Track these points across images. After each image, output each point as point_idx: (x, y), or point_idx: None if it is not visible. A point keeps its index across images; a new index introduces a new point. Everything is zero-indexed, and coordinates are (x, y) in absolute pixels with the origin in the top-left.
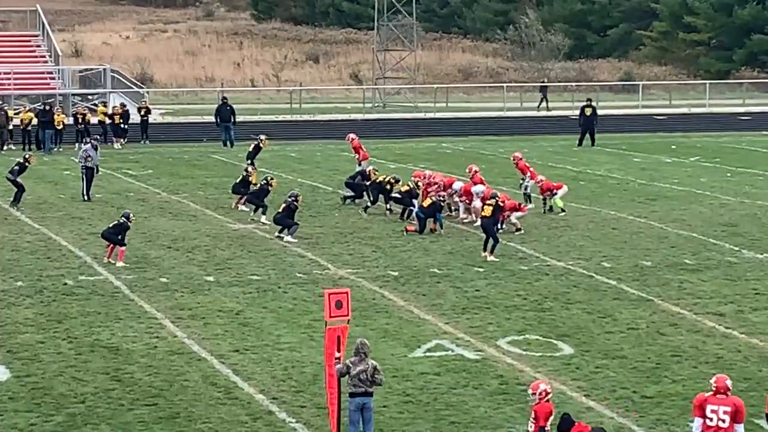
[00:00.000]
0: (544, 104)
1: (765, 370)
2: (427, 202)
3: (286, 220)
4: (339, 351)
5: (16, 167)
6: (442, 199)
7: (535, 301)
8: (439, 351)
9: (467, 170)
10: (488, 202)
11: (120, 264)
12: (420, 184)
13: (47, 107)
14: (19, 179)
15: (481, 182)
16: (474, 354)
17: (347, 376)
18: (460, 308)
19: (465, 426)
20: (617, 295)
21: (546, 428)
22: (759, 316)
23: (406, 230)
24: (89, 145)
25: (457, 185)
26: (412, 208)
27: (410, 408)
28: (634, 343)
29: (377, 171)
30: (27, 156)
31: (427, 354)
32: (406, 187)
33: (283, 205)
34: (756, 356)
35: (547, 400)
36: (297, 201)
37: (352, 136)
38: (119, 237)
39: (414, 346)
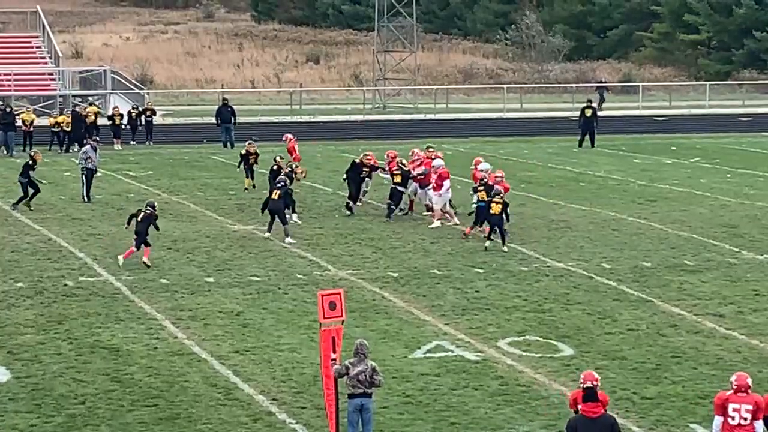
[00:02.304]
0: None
1: (765, 371)
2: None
3: (281, 205)
4: (334, 352)
5: (25, 168)
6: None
7: (535, 302)
8: (439, 352)
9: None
10: (496, 199)
11: (122, 262)
12: (405, 161)
13: (8, 109)
14: (33, 180)
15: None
16: (474, 355)
17: (346, 377)
18: (460, 309)
19: (465, 427)
20: (617, 296)
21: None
22: (759, 317)
23: (465, 234)
24: (89, 146)
25: (437, 162)
26: (395, 208)
27: (410, 409)
28: (634, 344)
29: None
30: (32, 154)
31: (427, 355)
32: (398, 179)
33: (277, 192)
34: (756, 357)
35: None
36: (288, 184)
37: (289, 136)
38: (148, 235)
39: (414, 347)
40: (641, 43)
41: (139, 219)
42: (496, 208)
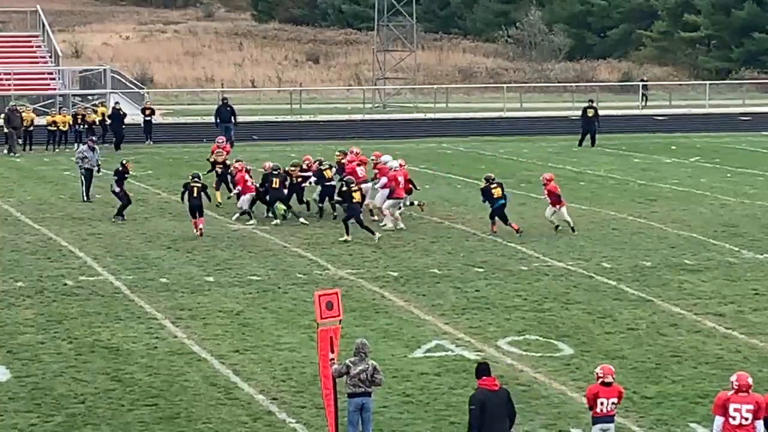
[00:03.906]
0: (643, 102)
1: (765, 371)
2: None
3: (283, 193)
4: (332, 352)
5: (116, 177)
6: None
7: (535, 302)
8: (439, 351)
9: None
10: (353, 187)
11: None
12: (329, 164)
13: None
14: (124, 189)
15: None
16: (474, 354)
17: (346, 376)
18: (460, 308)
19: (465, 426)
20: (617, 296)
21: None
22: (759, 317)
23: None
24: (86, 146)
25: (385, 158)
26: (320, 205)
27: (410, 408)
28: (634, 343)
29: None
30: (124, 162)
31: (427, 354)
32: (329, 173)
33: (277, 180)
34: (756, 357)
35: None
36: (279, 169)
37: (223, 138)
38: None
39: (414, 347)
40: (641, 43)
41: (195, 195)
42: (357, 196)
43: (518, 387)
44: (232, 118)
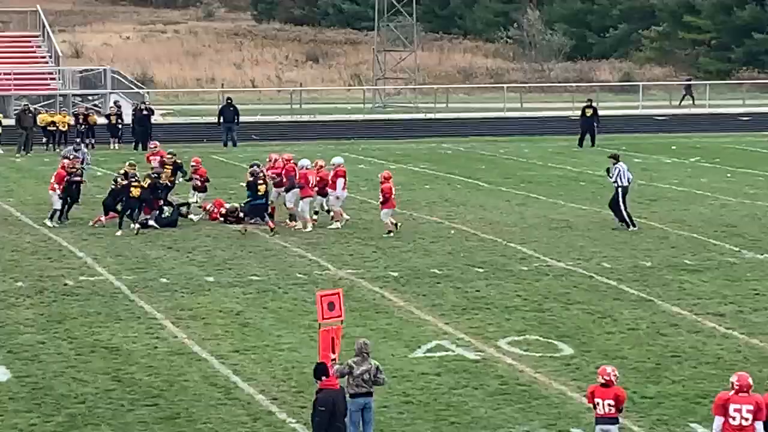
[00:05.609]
0: (688, 102)
1: (765, 371)
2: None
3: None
4: (333, 352)
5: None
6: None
7: (535, 302)
8: (440, 351)
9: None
10: (134, 183)
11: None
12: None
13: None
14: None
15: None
16: (474, 354)
17: (349, 377)
18: (460, 309)
19: (465, 426)
20: (617, 296)
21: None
22: (759, 317)
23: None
24: (70, 147)
25: (337, 160)
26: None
27: (410, 408)
28: (634, 343)
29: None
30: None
31: (428, 354)
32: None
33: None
34: (756, 357)
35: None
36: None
37: (156, 143)
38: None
39: (414, 347)
40: (641, 43)
41: (109, 195)
42: (135, 192)
43: (518, 387)
44: (236, 118)
